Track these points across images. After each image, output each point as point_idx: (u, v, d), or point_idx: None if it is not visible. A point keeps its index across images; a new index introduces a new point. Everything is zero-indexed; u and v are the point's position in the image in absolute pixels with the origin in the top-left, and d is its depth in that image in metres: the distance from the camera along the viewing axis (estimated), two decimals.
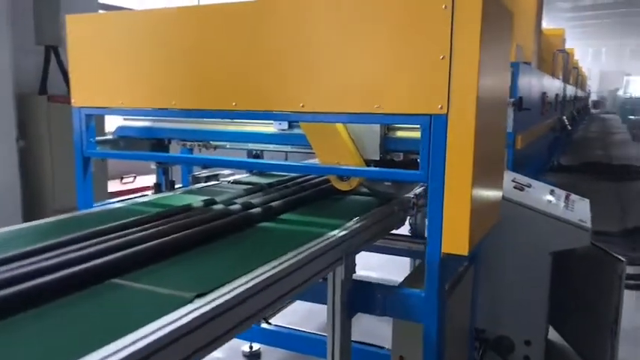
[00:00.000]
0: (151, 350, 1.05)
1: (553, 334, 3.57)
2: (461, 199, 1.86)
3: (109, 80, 2.46)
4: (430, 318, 1.97)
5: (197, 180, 3.04)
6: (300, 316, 3.97)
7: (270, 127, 2.57)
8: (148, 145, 3.02)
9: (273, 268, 1.54)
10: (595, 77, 43.36)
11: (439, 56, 1.84)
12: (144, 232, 1.78)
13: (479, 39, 1.78)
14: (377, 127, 2.25)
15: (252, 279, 1.44)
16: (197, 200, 2.31)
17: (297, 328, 3.21)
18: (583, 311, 3.19)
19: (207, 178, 3.03)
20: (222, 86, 2.21)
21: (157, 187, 2.99)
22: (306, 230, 1.97)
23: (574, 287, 3.31)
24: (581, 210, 3.00)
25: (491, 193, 2.29)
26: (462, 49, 1.81)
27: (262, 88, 2.14)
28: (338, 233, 1.91)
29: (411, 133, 2.25)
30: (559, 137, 11.59)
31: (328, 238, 1.85)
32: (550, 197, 3.08)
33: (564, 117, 11.19)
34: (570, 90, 14.25)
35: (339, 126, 2.26)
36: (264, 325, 3.26)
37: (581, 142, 17.79)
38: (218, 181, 3.05)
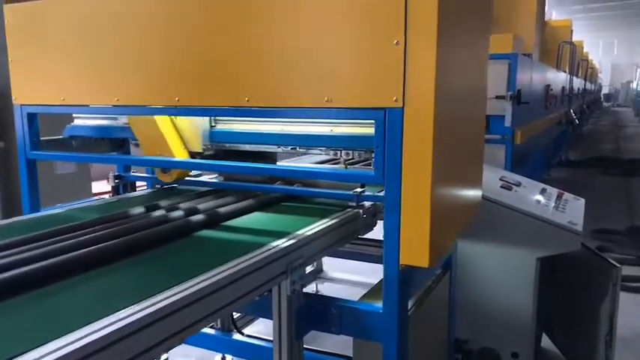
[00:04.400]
0: None
1: (547, 343, 3.34)
2: (419, 204, 1.64)
3: (50, 75, 2.26)
4: (389, 337, 1.75)
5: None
6: None
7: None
8: (108, 145, 2.83)
9: (191, 287, 1.33)
10: (607, 70, 42.75)
11: (392, 41, 1.61)
12: (58, 245, 1.58)
13: (436, 21, 1.55)
14: (200, 120, 2.22)
15: (159, 301, 1.23)
16: (144, 205, 2.11)
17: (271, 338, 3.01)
18: (577, 320, 2.95)
19: None
20: (164, 81, 2.00)
21: (115, 190, 2.79)
22: (249, 240, 1.75)
23: (569, 294, 3.07)
24: (573, 211, 2.75)
25: (466, 193, 2.06)
26: (417, 33, 1.58)
27: (204, 82, 1.92)
28: (282, 244, 1.69)
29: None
30: (566, 131, 11.29)
31: (269, 250, 1.64)
32: (540, 197, 2.84)
33: (571, 110, 10.88)
34: (578, 83, 13.91)
35: (160, 118, 2.21)
36: (236, 336, 3.06)
37: (591, 135, 17.44)
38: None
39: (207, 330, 3.02)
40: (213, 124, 2.24)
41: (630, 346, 3.57)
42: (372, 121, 1.71)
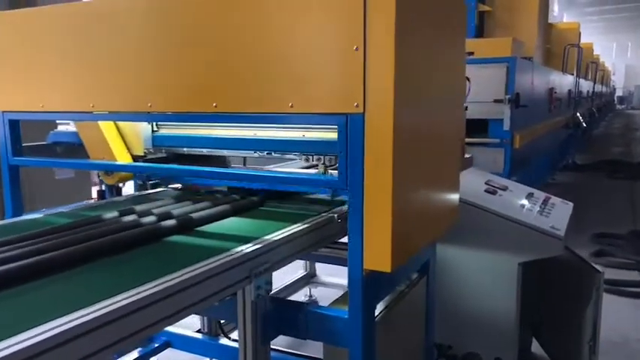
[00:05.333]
0: None
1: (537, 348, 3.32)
2: (381, 208, 1.64)
3: (29, 82, 2.30)
4: (354, 342, 1.74)
5: (144, 186, 2.87)
6: None
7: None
8: None
9: (149, 289, 1.35)
10: (620, 72, 42.34)
11: (352, 47, 1.62)
12: (25, 249, 1.60)
13: (394, 27, 1.55)
14: (142, 124, 2.30)
15: (118, 301, 1.26)
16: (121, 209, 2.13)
17: None
18: (563, 325, 2.93)
19: (153, 185, 2.85)
20: (137, 88, 2.02)
21: (100, 194, 2.82)
22: (215, 246, 1.76)
23: (556, 298, 3.05)
24: (557, 216, 2.73)
25: (438, 198, 2.06)
26: (376, 38, 1.59)
27: (175, 88, 1.94)
28: (246, 249, 1.70)
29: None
30: (574, 135, 11.19)
31: (231, 255, 1.64)
32: (525, 202, 2.83)
33: (578, 114, 10.79)
34: (587, 85, 13.80)
35: (104, 122, 2.29)
36: (223, 341, 3.07)
37: (602, 139, 17.28)
38: (165, 187, 2.86)
39: (194, 334, 3.04)
40: (155, 129, 2.30)
41: (618, 352, 3.53)
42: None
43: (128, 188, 3.10)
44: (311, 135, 2.08)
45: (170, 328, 2.81)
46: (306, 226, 1.99)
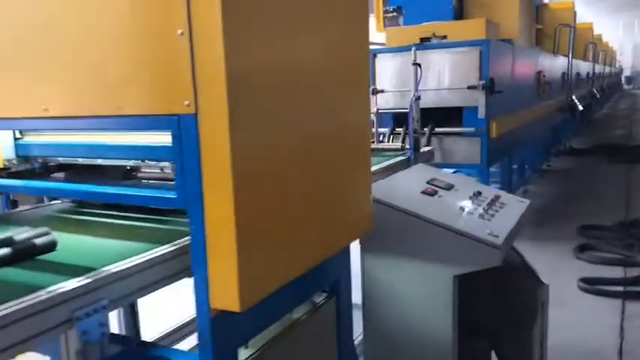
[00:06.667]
0: None
1: None
2: (224, 235, 1.31)
3: None
4: None
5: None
6: None
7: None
8: None
9: None
10: (628, 51, 41.50)
11: (176, 31, 1.28)
12: None
13: (220, 5, 1.21)
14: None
15: None
16: None
17: None
18: (515, 338, 2.59)
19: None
20: None
21: None
22: (36, 282, 1.43)
23: (510, 307, 2.71)
24: (502, 219, 2.38)
25: (328, 211, 1.71)
26: (203, 19, 1.25)
27: (7, 90, 1.62)
28: (68, 286, 1.37)
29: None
30: (571, 119, 10.76)
31: (50, 293, 1.32)
32: (466, 203, 2.47)
33: (574, 97, 10.35)
34: (585, 67, 13.32)
35: None
36: None
37: (604, 121, 16.79)
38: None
39: None
40: (18, 136, 1.93)
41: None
42: None
43: None
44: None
45: None
46: (167, 250, 1.64)
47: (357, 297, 2.29)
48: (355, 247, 2.20)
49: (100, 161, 1.84)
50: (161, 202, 1.50)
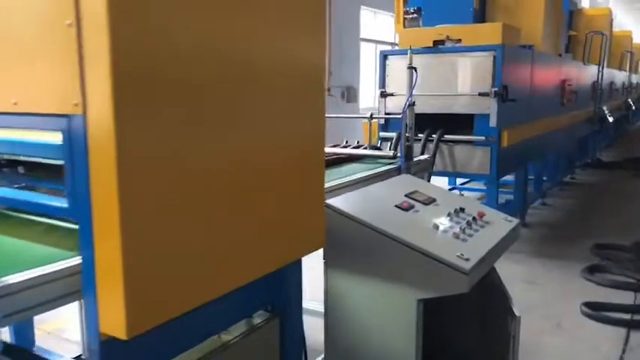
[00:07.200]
0: None
1: None
2: (109, 251, 1.16)
3: None
4: None
5: None
6: None
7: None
8: None
9: None
10: None
11: (64, 22, 1.13)
12: None
13: None
14: None
15: None
16: None
17: None
18: None
19: None
20: None
21: None
22: None
23: (484, 332, 2.51)
24: (479, 240, 2.17)
25: (257, 229, 1.54)
26: (91, 8, 1.10)
27: None
28: None
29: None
30: (600, 130, 10.33)
31: None
32: (443, 220, 2.27)
33: (604, 108, 9.93)
34: (621, 76, 12.82)
35: None
36: None
37: (636, 134, 16.16)
38: None
39: None
40: None
41: None
42: None
43: None
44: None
45: None
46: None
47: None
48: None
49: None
50: (51, 211, 1.35)
